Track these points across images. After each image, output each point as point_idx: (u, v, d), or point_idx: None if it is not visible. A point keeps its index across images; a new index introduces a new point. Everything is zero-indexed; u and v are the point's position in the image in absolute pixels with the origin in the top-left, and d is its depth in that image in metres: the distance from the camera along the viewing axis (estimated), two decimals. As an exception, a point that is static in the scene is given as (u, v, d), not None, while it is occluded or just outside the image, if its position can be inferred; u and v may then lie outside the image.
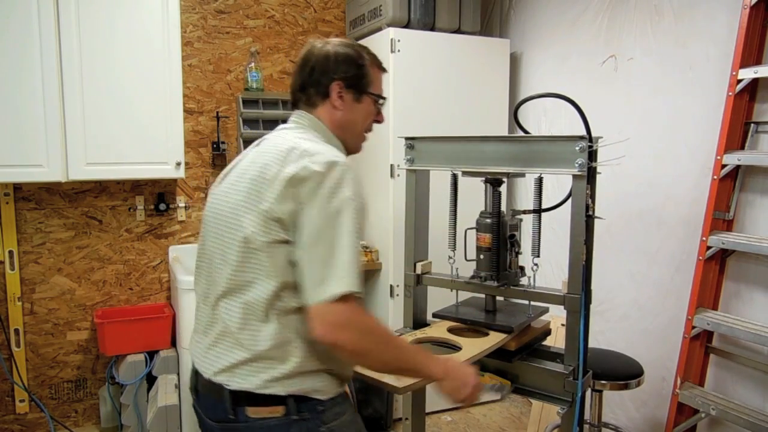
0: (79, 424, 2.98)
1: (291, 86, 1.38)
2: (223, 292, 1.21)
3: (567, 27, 2.90)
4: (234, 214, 1.20)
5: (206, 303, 1.27)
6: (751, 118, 2.12)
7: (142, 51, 2.63)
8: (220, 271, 1.22)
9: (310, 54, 1.34)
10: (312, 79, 1.33)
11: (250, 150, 1.32)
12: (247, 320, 1.17)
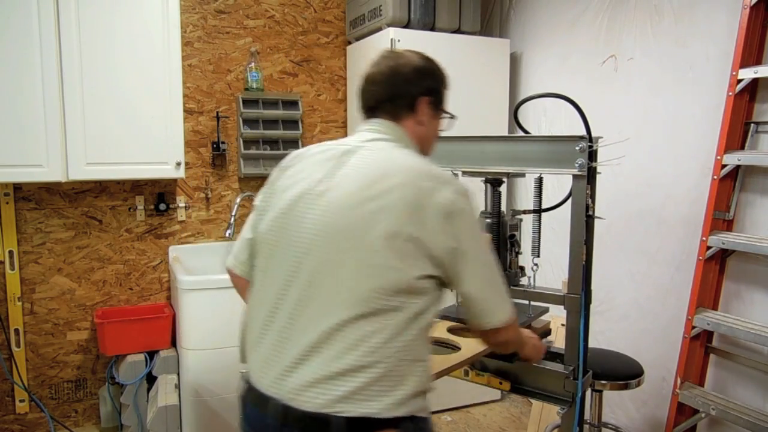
0: (79, 424, 2.98)
1: (373, 94, 1.32)
2: (352, 317, 1.12)
3: (567, 27, 2.90)
4: (365, 235, 1.13)
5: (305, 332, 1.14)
6: (751, 118, 2.12)
7: (142, 51, 2.63)
8: (337, 296, 1.13)
9: (400, 65, 1.31)
10: (401, 91, 1.30)
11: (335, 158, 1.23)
12: (377, 342, 1.11)
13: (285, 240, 1.21)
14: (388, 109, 1.31)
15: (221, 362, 2.67)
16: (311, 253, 1.17)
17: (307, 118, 3.35)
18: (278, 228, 1.23)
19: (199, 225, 3.16)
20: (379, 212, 1.13)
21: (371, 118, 1.33)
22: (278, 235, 1.22)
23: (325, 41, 3.36)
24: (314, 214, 1.18)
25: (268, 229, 1.25)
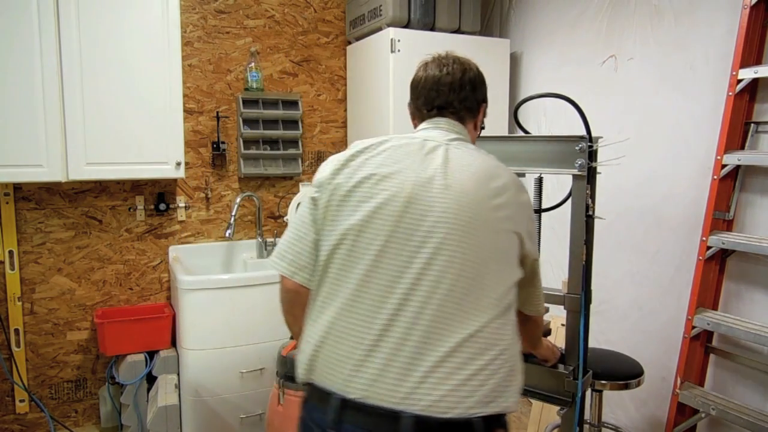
0: (79, 424, 2.98)
1: (445, 95, 1.36)
2: (491, 318, 1.13)
3: (567, 27, 2.90)
4: (497, 233, 1.17)
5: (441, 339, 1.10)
6: (751, 118, 2.13)
7: (142, 51, 2.63)
8: (482, 299, 1.13)
9: (469, 70, 1.39)
10: (471, 96, 1.37)
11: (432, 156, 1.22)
12: (507, 340, 1.15)
13: (401, 233, 1.13)
14: (456, 110, 1.36)
15: (221, 362, 2.67)
16: (442, 251, 1.12)
17: (307, 118, 3.35)
18: (391, 220, 1.14)
19: (199, 225, 3.16)
20: (501, 210, 1.18)
21: (437, 117, 1.36)
22: (391, 228, 1.14)
23: (325, 41, 3.36)
24: (442, 208, 1.14)
25: (366, 221, 1.16)
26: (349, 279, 1.16)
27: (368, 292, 1.13)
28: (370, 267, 1.14)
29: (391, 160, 1.21)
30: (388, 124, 2.93)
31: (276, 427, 2.55)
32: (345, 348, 1.14)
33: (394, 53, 2.88)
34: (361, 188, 1.19)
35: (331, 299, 1.18)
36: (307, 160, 3.38)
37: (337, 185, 1.22)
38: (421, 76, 1.41)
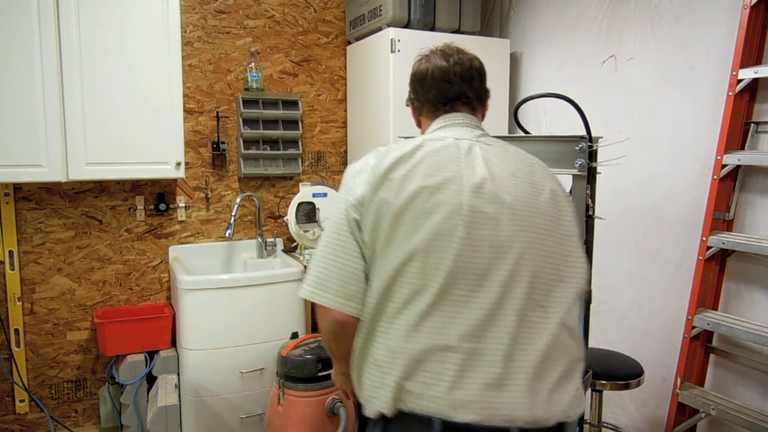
0: (79, 424, 2.98)
1: (459, 87, 1.34)
2: (567, 310, 1.13)
3: (567, 27, 2.90)
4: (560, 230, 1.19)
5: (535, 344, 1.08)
6: (751, 118, 2.12)
7: (142, 51, 2.63)
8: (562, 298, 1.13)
9: (476, 62, 1.38)
10: (481, 87, 1.38)
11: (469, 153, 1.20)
12: (579, 336, 1.15)
13: (472, 247, 1.09)
14: (469, 101, 1.35)
15: (221, 362, 2.67)
16: (524, 259, 1.11)
17: (307, 118, 3.35)
18: (458, 235, 1.09)
19: (199, 225, 3.16)
20: (552, 206, 1.18)
21: (450, 111, 1.33)
22: (460, 243, 1.09)
23: (325, 41, 3.36)
24: (508, 216, 1.12)
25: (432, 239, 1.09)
26: (422, 300, 1.08)
27: (449, 311, 1.07)
28: (447, 284, 1.08)
29: (436, 168, 1.15)
30: (388, 124, 2.93)
31: (276, 427, 2.55)
32: (438, 369, 1.07)
33: (394, 53, 2.88)
34: (415, 204, 1.11)
35: (403, 323, 1.09)
36: (307, 160, 3.38)
37: (383, 203, 1.13)
38: (426, 68, 1.33)
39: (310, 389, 2.48)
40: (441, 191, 1.12)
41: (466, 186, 1.13)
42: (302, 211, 3.05)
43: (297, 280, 2.84)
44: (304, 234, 3.03)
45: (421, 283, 1.08)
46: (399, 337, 1.09)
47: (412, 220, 1.10)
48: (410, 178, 1.14)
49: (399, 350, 1.08)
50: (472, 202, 1.11)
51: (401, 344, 1.08)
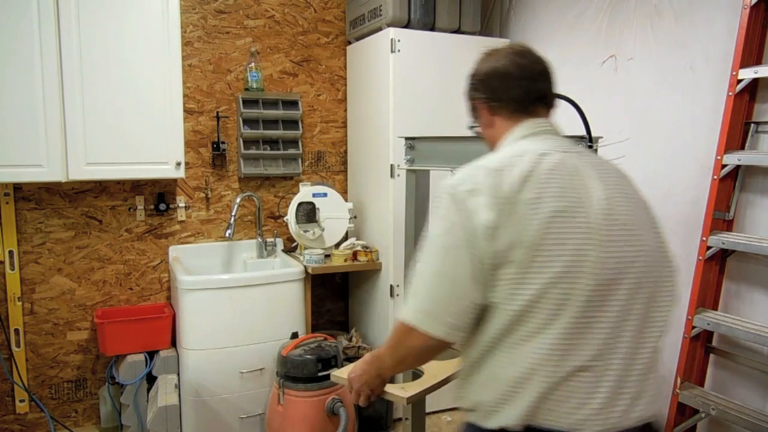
0: (79, 424, 2.98)
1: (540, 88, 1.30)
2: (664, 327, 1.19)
3: (567, 27, 2.90)
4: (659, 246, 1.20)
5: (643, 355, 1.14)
6: (751, 118, 2.12)
7: (142, 51, 2.63)
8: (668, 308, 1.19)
9: (548, 63, 1.31)
10: (553, 90, 1.35)
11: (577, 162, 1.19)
12: None
13: (608, 269, 1.11)
14: (549, 102, 1.33)
15: (221, 362, 2.67)
16: (641, 278, 1.14)
17: (307, 118, 3.35)
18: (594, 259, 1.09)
19: (199, 225, 3.16)
20: (652, 220, 1.22)
21: (533, 115, 1.28)
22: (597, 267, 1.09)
23: (325, 41, 3.36)
24: (628, 236, 1.14)
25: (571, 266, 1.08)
26: (558, 322, 1.08)
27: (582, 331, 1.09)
28: (583, 306, 1.09)
29: (561, 188, 1.12)
30: (388, 124, 2.93)
31: (276, 427, 2.55)
32: (570, 387, 1.09)
33: (394, 53, 2.88)
34: (552, 229, 1.08)
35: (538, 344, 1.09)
36: (307, 160, 3.38)
37: (518, 230, 1.08)
38: (505, 65, 1.27)
39: (310, 389, 2.48)
40: (572, 214, 1.10)
41: (593, 207, 1.12)
42: (302, 211, 3.05)
43: (297, 280, 2.84)
44: (304, 234, 3.03)
45: (558, 307, 1.08)
46: (533, 357, 1.09)
47: (550, 246, 1.08)
48: (542, 201, 1.10)
49: (533, 369, 1.09)
50: (600, 224, 1.12)
51: (535, 364, 1.09)
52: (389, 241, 2.99)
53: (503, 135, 1.29)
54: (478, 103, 1.33)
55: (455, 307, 1.11)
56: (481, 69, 1.31)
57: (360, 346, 3.00)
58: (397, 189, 2.90)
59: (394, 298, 2.99)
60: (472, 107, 1.36)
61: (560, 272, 1.07)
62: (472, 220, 1.09)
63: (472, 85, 1.34)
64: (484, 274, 1.10)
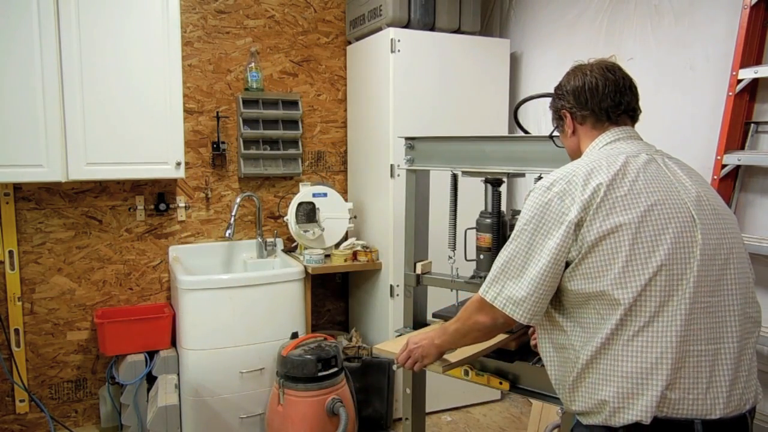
0: (79, 424, 2.98)
1: (630, 100, 1.44)
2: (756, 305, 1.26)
3: (567, 27, 2.90)
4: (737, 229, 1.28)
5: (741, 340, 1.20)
6: (751, 118, 2.12)
7: (142, 51, 2.63)
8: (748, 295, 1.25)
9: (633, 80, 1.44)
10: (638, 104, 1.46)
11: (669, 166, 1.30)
12: None
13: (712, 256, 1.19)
14: (634, 116, 1.46)
15: (221, 362, 2.67)
16: (738, 265, 1.23)
17: (307, 118, 3.35)
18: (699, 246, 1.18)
19: (199, 225, 3.16)
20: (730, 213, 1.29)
21: (618, 124, 1.40)
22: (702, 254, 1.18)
23: (325, 41, 3.36)
24: (723, 226, 1.23)
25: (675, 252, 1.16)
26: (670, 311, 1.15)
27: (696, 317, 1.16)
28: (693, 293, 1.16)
29: (653, 183, 1.22)
30: (388, 124, 2.93)
31: (276, 427, 2.55)
32: (693, 373, 1.15)
33: (394, 53, 2.88)
34: (649, 220, 1.17)
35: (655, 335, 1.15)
36: (307, 160, 3.38)
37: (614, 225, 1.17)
38: (595, 79, 1.41)
39: (310, 389, 2.49)
40: (668, 205, 1.19)
41: (686, 199, 1.22)
42: (302, 211, 3.05)
43: (297, 280, 2.84)
44: (304, 234, 3.03)
45: (667, 296, 1.15)
46: (652, 349, 1.15)
47: (651, 237, 1.16)
48: (636, 196, 1.19)
49: (657, 359, 1.14)
50: (695, 212, 1.21)
51: (657, 355, 1.14)
52: (389, 241, 2.99)
53: (589, 142, 1.39)
54: (565, 113, 1.42)
55: (541, 297, 1.22)
56: (572, 82, 1.42)
57: (360, 346, 3.00)
58: (397, 189, 2.91)
59: (394, 298, 2.99)
60: (558, 116, 1.45)
61: (664, 260, 1.15)
62: (565, 220, 1.19)
63: (561, 96, 1.43)
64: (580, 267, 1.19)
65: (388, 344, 1.71)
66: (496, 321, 1.29)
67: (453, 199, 1.93)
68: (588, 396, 1.21)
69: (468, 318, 1.36)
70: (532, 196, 1.27)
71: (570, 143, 1.45)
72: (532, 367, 1.70)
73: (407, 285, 1.98)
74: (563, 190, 1.22)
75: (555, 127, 1.48)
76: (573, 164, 1.28)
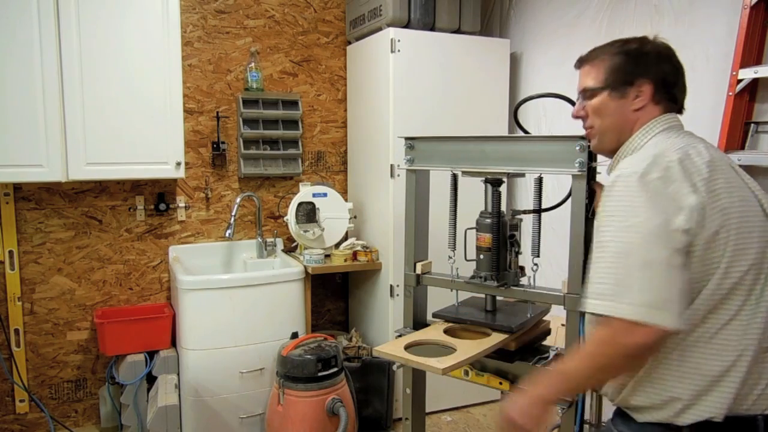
0: (79, 424, 2.98)
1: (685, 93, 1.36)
2: None
3: (567, 27, 2.90)
4: None
5: None
6: (751, 118, 2.12)
7: (142, 51, 2.63)
8: None
9: None
10: None
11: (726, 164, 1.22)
12: None
13: None
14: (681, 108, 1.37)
15: (221, 362, 2.67)
16: None
17: (307, 118, 3.35)
18: None
19: (199, 225, 3.16)
20: None
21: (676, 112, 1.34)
22: None
23: (325, 41, 3.36)
24: None
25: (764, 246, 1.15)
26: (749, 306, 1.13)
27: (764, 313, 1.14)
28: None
29: (733, 176, 1.20)
30: (388, 124, 2.93)
31: (276, 427, 2.55)
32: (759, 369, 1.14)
33: (394, 53, 2.88)
34: (745, 212, 1.16)
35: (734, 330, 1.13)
36: (307, 160, 3.38)
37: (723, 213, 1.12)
38: (678, 60, 1.33)
39: (310, 389, 2.49)
40: (749, 199, 1.18)
41: (755, 191, 1.21)
42: (302, 211, 3.05)
43: (297, 280, 2.84)
44: (304, 234, 3.03)
45: (750, 291, 1.13)
46: (731, 345, 1.12)
47: (747, 229, 1.14)
48: (732, 187, 1.16)
49: (736, 358, 1.11)
50: (764, 205, 1.20)
51: (738, 352, 1.12)
52: (389, 241, 2.99)
53: (644, 121, 1.29)
54: (647, 85, 1.30)
55: (677, 292, 1.08)
56: (663, 62, 1.31)
57: (360, 346, 3.00)
58: (397, 189, 2.91)
59: (393, 298, 2.99)
60: (628, 82, 1.30)
61: (757, 255, 1.13)
62: (677, 204, 1.10)
63: (646, 64, 1.30)
64: (694, 257, 1.11)
65: (389, 346, 1.71)
66: (657, 336, 1.07)
67: (453, 199, 1.93)
68: (656, 391, 1.15)
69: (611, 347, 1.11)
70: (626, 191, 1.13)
71: (624, 114, 1.31)
72: (532, 368, 1.70)
73: (407, 285, 1.97)
74: (665, 178, 1.12)
75: (607, 86, 1.32)
76: (652, 151, 1.18)
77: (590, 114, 1.37)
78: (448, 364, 1.56)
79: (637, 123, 1.30)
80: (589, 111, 1.36)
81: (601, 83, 1.33)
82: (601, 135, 1.37)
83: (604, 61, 1.34)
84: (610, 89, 1.32)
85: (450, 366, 1.57)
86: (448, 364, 1.56)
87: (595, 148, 1.44)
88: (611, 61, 1.32)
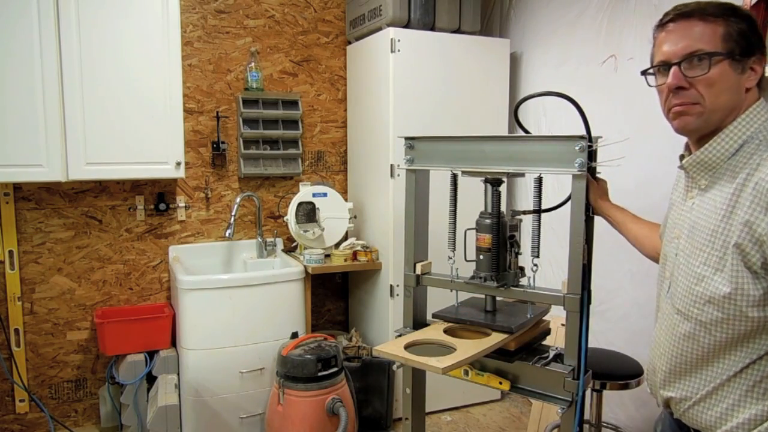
0: (79, 424, 2.99)
1: None
2: None
3: (567, 27, 2.90)
4: None
5: None
6: (751, 118, 2.12)
7: (142, 51, 2.63)
8: None
9: None
10: None
11: None
12: None
13: None
14: None
15: (221, 362, 2.67)
16: None
17: (307, 118, 3.35)
18: None
19: (199, 225, 3.16)
20: None
21: None
22: None
23: (325, 41, 3.36)
24: None
25: None
26: None
27: None
28: None
29: None
30: (388, 124, 2.93)
31: (276, 427, 2.55)
32: None
33: (394, 53, 2.88)
34: None
35: None
36: (307, 160, 3.38)
37: None
38: None
39: (310, 389, 2.49)
40: None
41: None
42: (302, 211, 3.05)
43: (297, 280, 2.84)
44: (304, 234, 3.03)
45: None
46: None
47: None
48: None
49: None
50: None
51: None
52: (389, 241, 2.99)
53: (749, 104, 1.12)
54: (760, 57, 1.11)
55: None
56: None
57: (360, 346, 3.00)
58: (397, 189, 2.91)
59: (393, 298, 2.99)
60: (747, 53, 1.10)
61: None
62: None
63: (759, 35, 1.11)
64: None
65: (389, 346, 1.70)
66: None
67: (453, 199, 1.93)
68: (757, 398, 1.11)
69: None
70: None
71: (740, 92, 1.12)
72: (532, 367, 1.70)
73: (407, 285, 1.97)
74: None
75: (730, 54, 1.09)
76: None
77: (702, 86, 1.11)
78: (447, 363, 1.56)
79: (743, 106, 1.11)
80: (701, 82, 1.10)
81: (722, 48, 1.08)
82: (709, 114, 1.13)
83: (727, 22, 1.09)
84: (731, 58, 1.08)
85: (450, 365, 1.57)
86: (447, 363, 1.56)
87: (684, 127, 1.22)
88: (737, 25, 1.09)
